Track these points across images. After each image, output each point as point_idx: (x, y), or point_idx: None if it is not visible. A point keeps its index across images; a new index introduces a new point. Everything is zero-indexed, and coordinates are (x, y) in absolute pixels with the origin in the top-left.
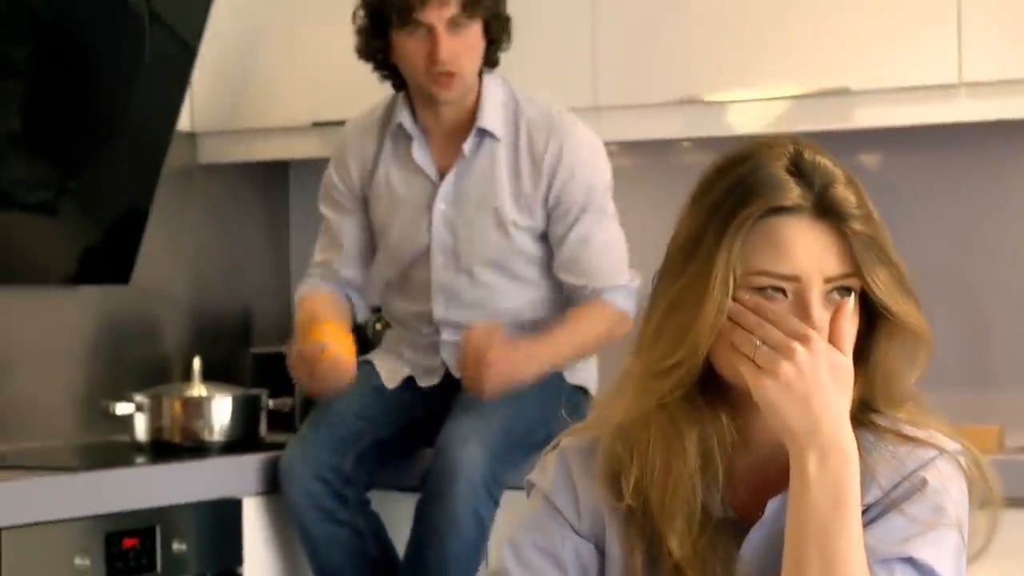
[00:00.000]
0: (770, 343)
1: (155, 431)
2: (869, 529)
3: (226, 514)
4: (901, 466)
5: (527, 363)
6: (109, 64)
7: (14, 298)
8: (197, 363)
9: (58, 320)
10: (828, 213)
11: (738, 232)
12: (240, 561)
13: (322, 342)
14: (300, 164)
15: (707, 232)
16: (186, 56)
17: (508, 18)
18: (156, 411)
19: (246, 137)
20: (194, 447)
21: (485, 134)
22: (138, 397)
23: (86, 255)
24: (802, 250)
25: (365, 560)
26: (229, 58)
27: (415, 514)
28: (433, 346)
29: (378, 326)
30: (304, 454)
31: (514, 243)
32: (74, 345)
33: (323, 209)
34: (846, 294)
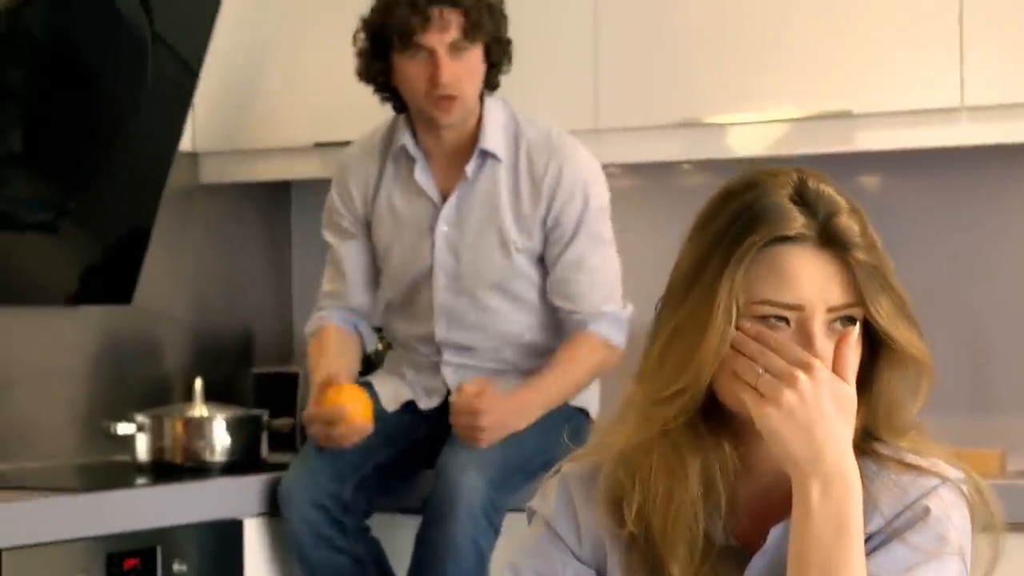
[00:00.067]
0: (772, 371)
1: (156, 451)
2: (872, 558)
3: (227, 535)
4: (904, 495)
5: (520, 413)
6: (111, 84)
7: (15, 318)
8: (199, 383)
9: (59, 340)
10: (832, 242)
11: (741, 261)
12: None
13: (340, 407)
14: (302, 184)
15: (710, 260)
16: (188, 76)
17: (509, 41)
18: (157, 431)
19: (248, 157)
20: (195, 467)
21: (487, 156)
22: (139, 417)
23: (87, 275)
24: (805, 279)
25: None
26: (231, 78)
27: (416, 540)
28: (435, 366)
29: (380, 346)
30: (303, 480)
31: (515, 265)
32: (75, 365)
33: (327, 236)
34: (849, 323)
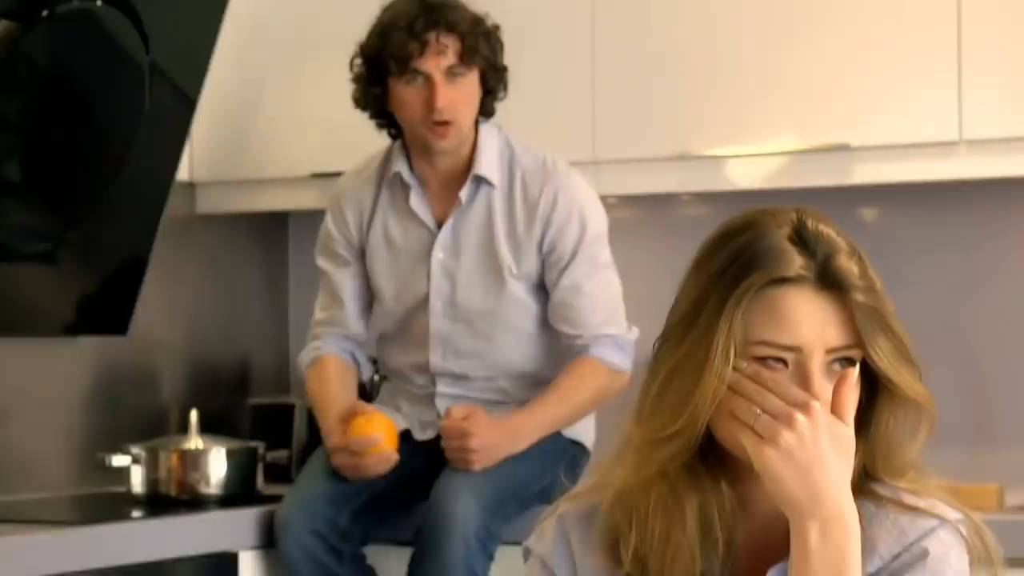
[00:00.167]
0: (771, 412)
1: (151, 483)
2: None
3: (222, 568)
4: (902, 536)
5: (514, 436)
6: (109, 115)
7: (11, 349)
8: (194, 415)
9: (55, 371)
10: (831, 284)
11: (740, 302)
12: None
13: (373, 437)
14: (299, 215)
15: (708, 301)
16: (186, 107)
17: (505, 68)
18: (152, 464)
19: (245, 188)
20: (190, 500)
21: (481, 182)
22: (134, 449)
23: (84, 305)
24: (804, 321)
25: None
26: (229, 109)
27: (409, 568)
28: (429, 398)
29: (376, 377)
30: (300, 508)
31: (511, 292)
32: (71, 396)
33: (321, 263)
34: (848, 364)
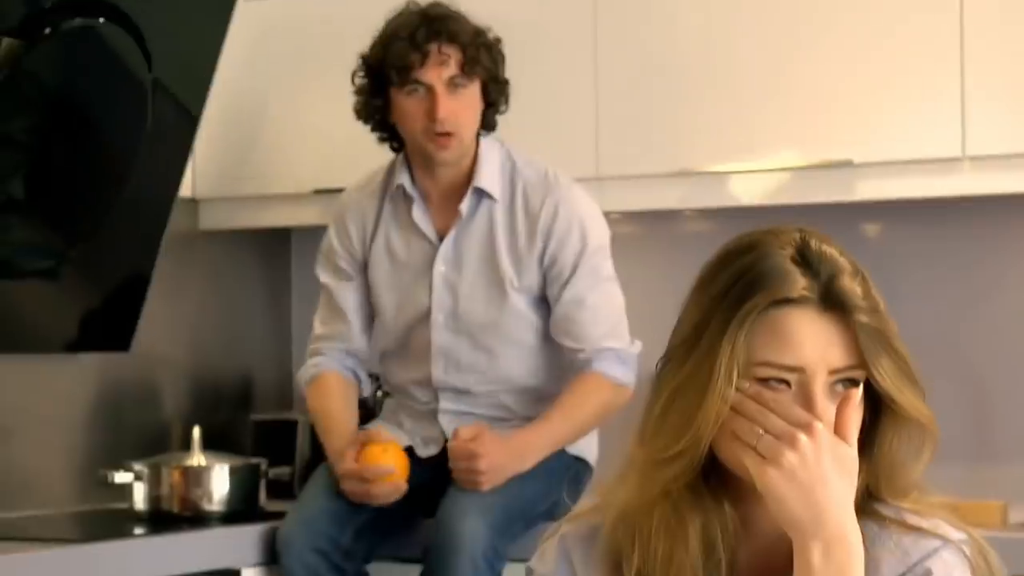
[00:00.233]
0: (773, 432)
1: (153, 500)
2: None
3: None
4: (905, 557)
5: (521, 455)
6: (112, 131)
7: (14, 366)
8: (196, 432)
9: (58, 387)
10: (834, 305)
11: (743, 324)
12: None
13: (388, 468)
14: (302, 231)
15: (711, 322)
16: (189, 123)
17: (506, 81)
18: (155, 480)
19: (248, 204)
20: (193, 517)
21: (482, 195)
22: (137, 466)
23: (86, 322)
24: (807, 342)
25: None
26: (231, 125)
27: None
28: (432, 414)
29: (379, 394)
30: (303, 525)
31: (513, 305)
32: (73, 413)
33: (323, 278)
34: (851, 385)
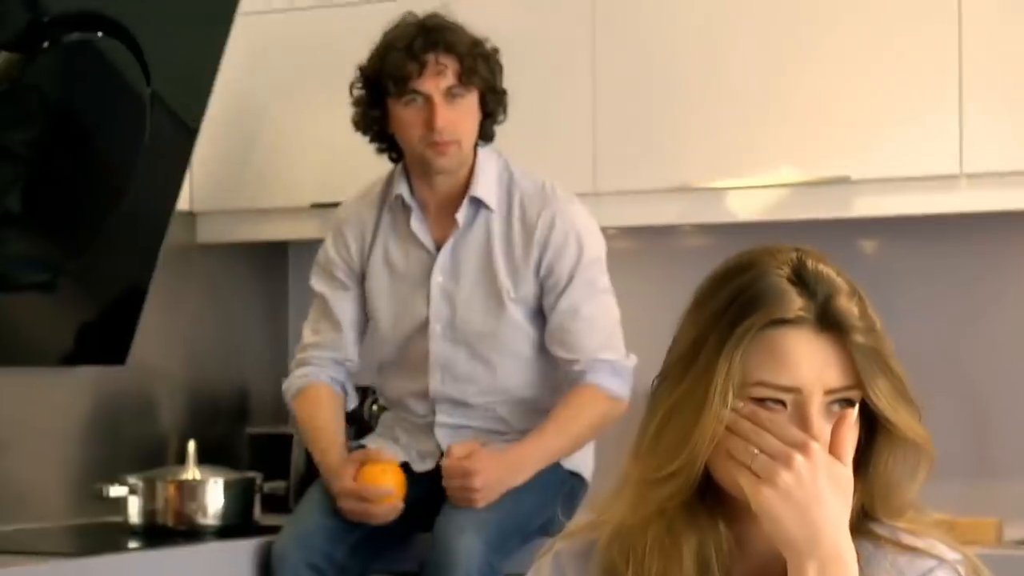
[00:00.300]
0: (768, 452)
1: (148, 514)
2: None
3: None
4: None
5: (516, 469)
6: (109, 144)
7: (10, 379)
8: (192, 446)
9: (53, 401)
10: (830, 325)
11: (739, 343)
12: None
13: (387, 489)
14: (299, 245)
15: (707, 341)
16: (187, 137)
17: (504, 92)
18: (149, 494)
19: (245, 218)
20: (187, 531)
21: (479, 204)
22: (132, 480)
23: (83, 335)
24: (803, 362)
25: None
26: (229, 139)
27: None
28: (428, 428)
29: (374, 408)
30: (297, 541)
31: (510, 315)
32: (69, 426)
33: (319, 287)
34: (847, 405)
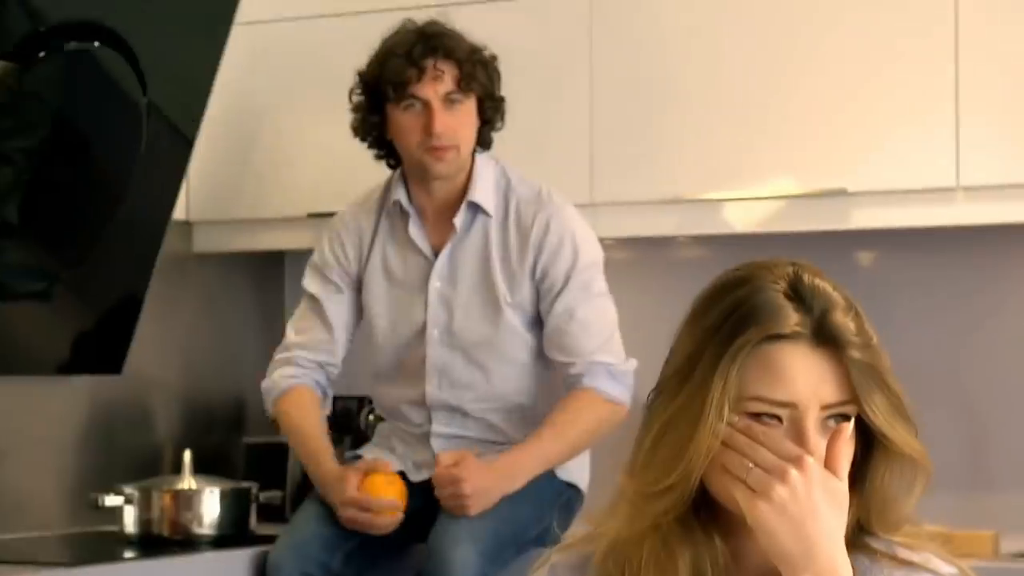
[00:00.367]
0: (763, 466)
1: (144, 523)
2: None
3: None
4: None
5: (510, 476)
6: (106, 154)
7: (5, 388)
8: (187, 455)
9: (49, 410)
10: (826, 340)
11: (735, 358)
12: None
13: (391, 501)
14: (295, 255)
15: (703, 356)
16: (183, 146)
17: (502, 99)
18: (145, 504)
19: (241, 227)
20: (183, 541)
21: (477, 209)
22: (127, 489)
23: (79, 344)
24: (799, 377)
25: None
26: (226, 149)
27: None
28: (424, 437)
29: (371, 418)
30: (292, 550)
31: (507, 321)
32: (65, 435)
33: (311, 287)
34: (843, 420)
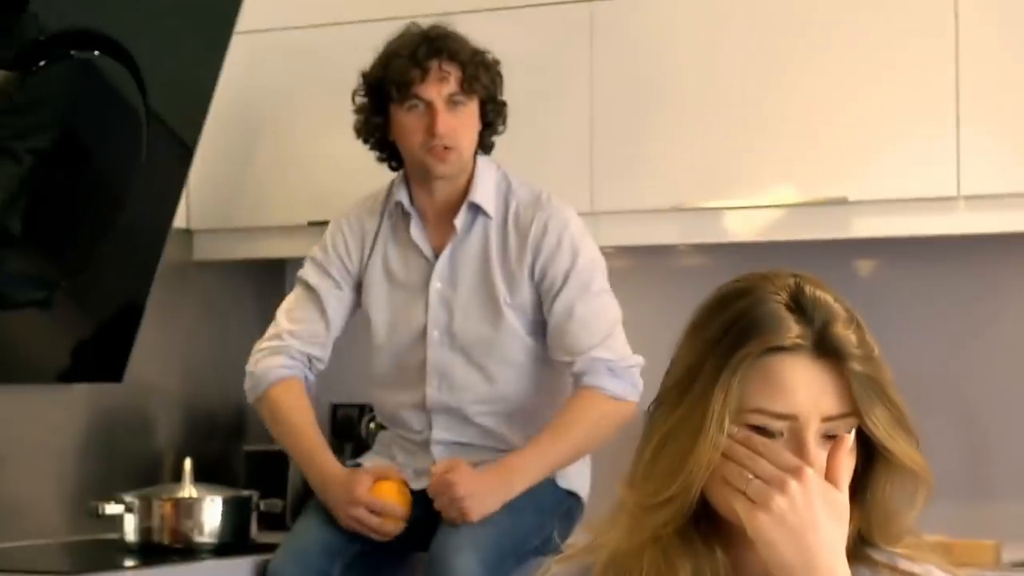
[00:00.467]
0: (763, 477)
1: (144, 532)
2: None
3: None
4: None
5: (508, 479)
6: (107, 162)
7: (6, 395)
8: (188, 464)
9: (50, 418)
10: (827, 352)
11: (736, 370)
12: None
13: (401, 509)
14: (296, 263)
15: (704, 367)
16: (184, 155)
17: (504, 103)
18: (145, 512)
19: (242, 235)
20: (184, 549)
21: (478, 211)
22: (128, 498)
23: (79, 352)
24: (800, 389)
25: None
26: (226, 157)
27: None
28: (424, 445)
29: (371, 426)
30: (293, 558)
31: (507, 322)
32: (65, 443)
33: (311, 279)
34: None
